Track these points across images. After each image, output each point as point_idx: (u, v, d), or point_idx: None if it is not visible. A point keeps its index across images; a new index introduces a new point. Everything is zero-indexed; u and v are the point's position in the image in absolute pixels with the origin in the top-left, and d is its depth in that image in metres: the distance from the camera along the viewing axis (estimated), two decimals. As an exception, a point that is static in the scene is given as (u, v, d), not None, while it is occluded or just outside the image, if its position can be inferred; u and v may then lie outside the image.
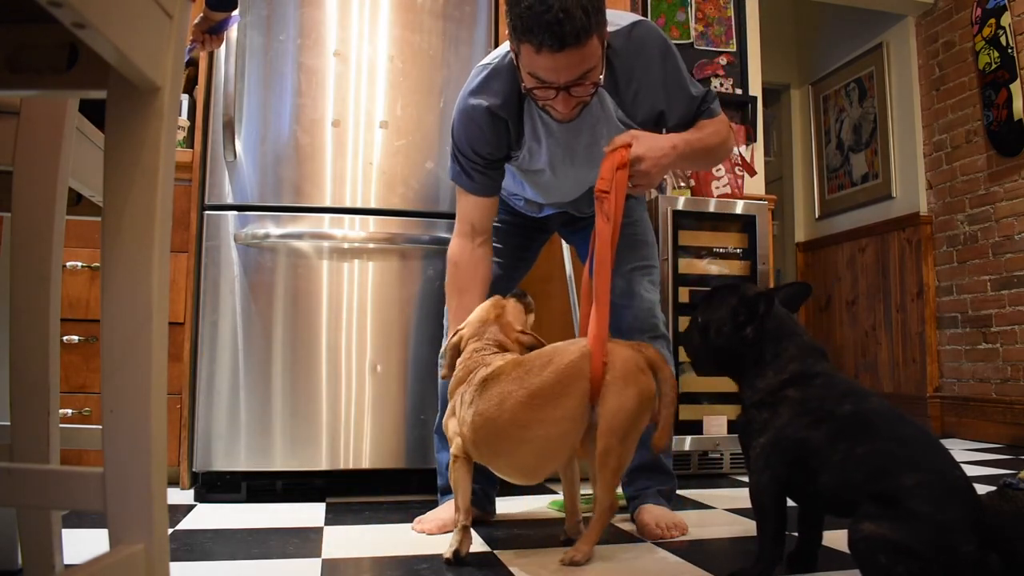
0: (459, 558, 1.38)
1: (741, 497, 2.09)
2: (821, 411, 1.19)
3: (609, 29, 1.49)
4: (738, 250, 2.70)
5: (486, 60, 1.64)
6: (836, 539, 1.38)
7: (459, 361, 1.49)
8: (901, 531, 1.03)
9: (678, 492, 1.88)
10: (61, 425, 1.05)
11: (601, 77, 1.48)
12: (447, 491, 1.82)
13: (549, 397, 1.34)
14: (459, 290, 1.65)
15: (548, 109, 1.52)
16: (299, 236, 2.07)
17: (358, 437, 2.08)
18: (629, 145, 1.45)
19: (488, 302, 1.56)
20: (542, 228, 1.92)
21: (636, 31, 1.57)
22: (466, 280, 1.64)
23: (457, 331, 1.52)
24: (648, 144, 1.47)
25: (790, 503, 1.25)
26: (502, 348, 1.48)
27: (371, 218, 2.14)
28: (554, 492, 2.14)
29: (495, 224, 1.80)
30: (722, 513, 1.91)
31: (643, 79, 1.56)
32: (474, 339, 1.49)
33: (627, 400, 1.33)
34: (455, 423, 1.46)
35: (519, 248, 1.88)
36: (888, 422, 1.16)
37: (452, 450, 1.46)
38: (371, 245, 2.12)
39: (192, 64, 2.27)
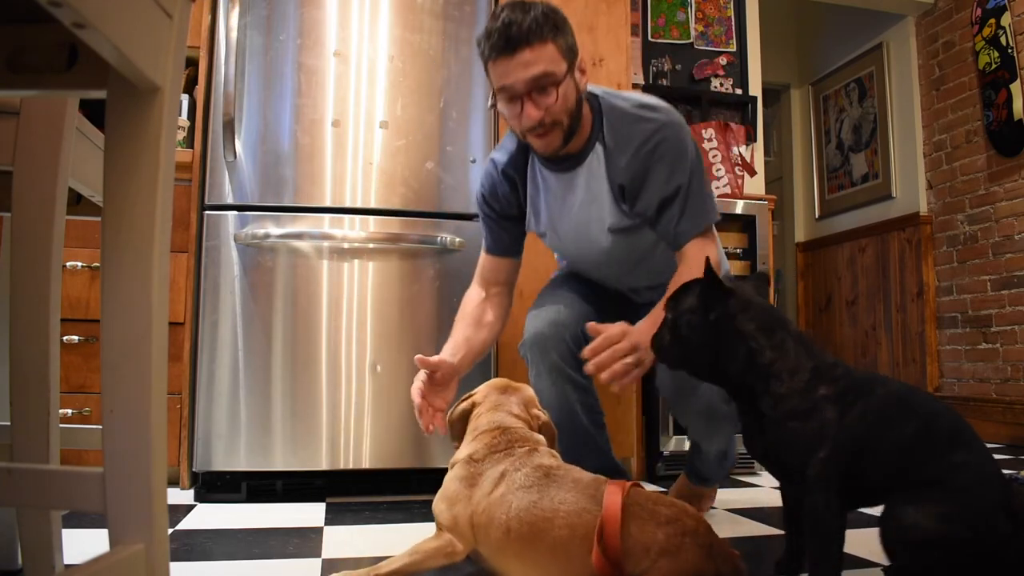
0: None
1: (742, 498, 2.09)
2: (858, 403, 1.09)
3: (615, 101, 1.56)
4: (738, 250, 2.70)
5: None
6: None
7: (474, 430, 1.33)
8: (949, 509, 1.01)
9: (678, 492, 1.88)
10: (61, 425, 1.05)
11: (567, 83, 1.44)
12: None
13: (568, 544, 1.11)
14: (461, 324, 1.67)
15: (529, 140, 1.53)
16: (299, 236, 2.07)
17: (358, 437, 2.08)
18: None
19: (503, 380, 1.45)
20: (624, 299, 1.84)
21: (659, 133, 1.51)
22: (469, 318, 1.69)
23: (467, 397, 1.41)
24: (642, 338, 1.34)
25: (774, 503, 1.20)
26: (520, 423, 1.34)
27: (371, 218, 2.14)
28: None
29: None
30: (723, 513, 1.90)
31: (640, 173, 1.52)
32: (491, 410, 1.35)
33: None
34: (463, 506, 1.23)
35: (610, 302, 1.78)
36: (920, 399, 1.12)
37: (440, 541, 1.21)
38: (371, 245, 2.13)
39: (192, 64, 2.27)
